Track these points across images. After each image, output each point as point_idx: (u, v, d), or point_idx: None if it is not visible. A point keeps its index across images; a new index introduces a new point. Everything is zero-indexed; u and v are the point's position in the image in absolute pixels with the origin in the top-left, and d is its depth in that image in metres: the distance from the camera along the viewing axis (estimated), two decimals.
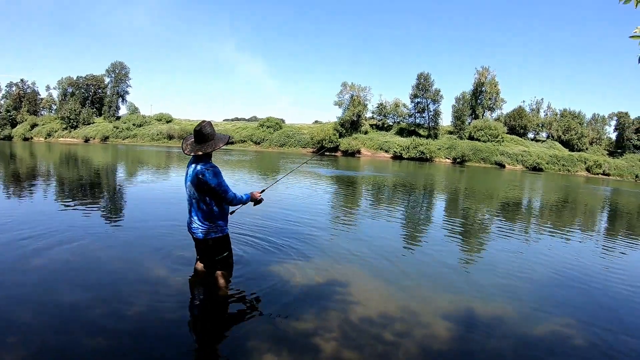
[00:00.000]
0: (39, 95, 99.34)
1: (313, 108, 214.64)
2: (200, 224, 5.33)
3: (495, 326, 5.08)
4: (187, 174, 5.36)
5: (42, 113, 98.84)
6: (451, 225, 12.13)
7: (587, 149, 73.65)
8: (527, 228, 12.49)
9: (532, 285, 6.77)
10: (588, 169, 63.17)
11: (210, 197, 5.25)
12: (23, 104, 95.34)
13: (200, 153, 5.16)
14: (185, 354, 4.12)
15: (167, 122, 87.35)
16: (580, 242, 10.77)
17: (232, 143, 75.68)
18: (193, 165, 5.25)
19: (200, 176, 5.10)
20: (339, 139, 72.32)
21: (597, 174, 62.20)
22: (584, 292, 6.62)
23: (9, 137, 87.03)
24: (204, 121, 5.32)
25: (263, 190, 6.09)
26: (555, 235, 11.19)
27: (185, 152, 5.28)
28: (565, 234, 11.57)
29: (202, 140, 5.23)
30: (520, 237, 10.89)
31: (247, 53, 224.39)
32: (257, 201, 5.85)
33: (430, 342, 4.53)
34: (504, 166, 63.18)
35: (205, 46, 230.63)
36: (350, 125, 75.13)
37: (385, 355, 4.20)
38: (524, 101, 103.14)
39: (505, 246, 9.52)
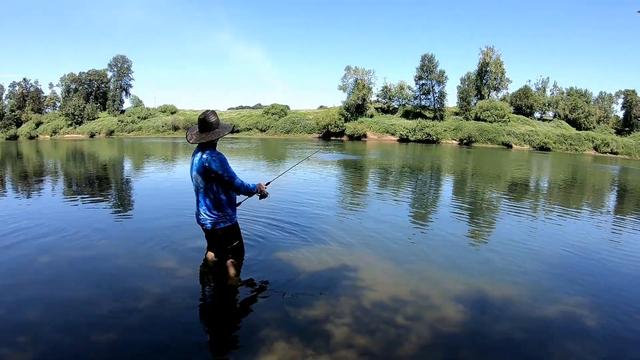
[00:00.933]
0: (43, 93, 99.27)
1: (317, 93, 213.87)
2: (208, 214, 5.33)
3: (506, 308, 5.07)
4: (192, 163, 5.37)
5: (47, 111, 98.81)
6: (460, 206, 12.10)
7: (594, 127, 72.94)
8: (535, 208, 12.43)
9: (543, 266, 6.72)
10: (596, 148, 62.70)
11: (217, 186, 5.24)
12: (27, 102, 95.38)
13: (204, 141, 5.15)
14: (197, 343, 4.14)
15: (172, 113, 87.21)
16: (589, 221, 10.71)
17: (237, 132, 75.70)
18: (199, 154, 5.24)
19: (206, 164, 5.09)
20: (344, 124, 72.06)
21: (605, 152, 61.73)
22: (595, 272, 6.59)
23: (15, 137, 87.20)
24: (207, 110, 5.32)
25: (268, 183, 6.11)
26: (564, 215, 11.12)
27: (190, 141, 5.29)
28: (575, 214, 11.51)
29: (207, 128, 5.22)
30: (529, 217, 10.84)
31: (246, 40, 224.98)
32: (263, 195, 5.85)
33: (441, 325, 4.52)
34: (511, 146, 62.86)
35: (204, 36, 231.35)
36: (356, 109, 74.81)
37: (397, 339, 4.20)
38: (529, 80, 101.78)
39: (514, 227, 9.49)
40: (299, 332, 4.28)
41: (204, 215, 5.36)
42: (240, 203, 5.83)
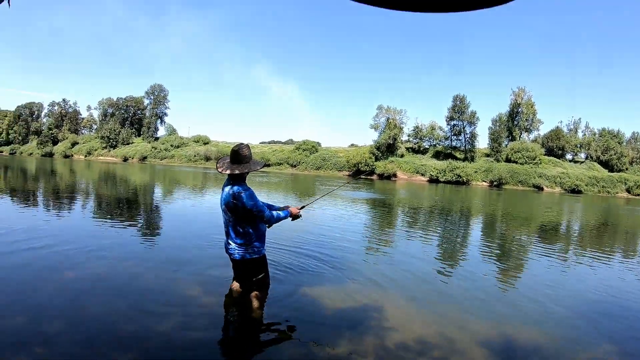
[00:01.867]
0: (80, 114, 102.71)
1: (349, 131, 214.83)
2: (237, 245, 5.40)
3: (533, 355, 4.95)
4: (222, 196, 5.44)
5: (83, 132, 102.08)
6: (489, 249, 11.94)
7: (627, 169, 71.58)
8: (566, 252, 12.20)
9: (572, 312, 6.56)
10: (628, 190, 61.40)
11: (246, 219, 5.32)
12: (64, 122, 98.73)
13: (237, 172, 5.25)
14: None
15: (205, 143, 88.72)
16: (622, 267, 10.42)
17: (267, 166, 76.38)
18: (228, 187, 5.33)
19: (235, 199, 5.18)
20: (375, 162, 72.26)
21: (638, 194, 60.46)
22: (628, 322, 6.35)
23: (51, 154, 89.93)
24: (241, 143, 5.45)
25: (303, 207, 6.18)
26: (595, 260, 10.85)
27: (221, 170, 5.36)
28: (606, 258, 11.22)
29: (238, 161, 5.33)
30: (560, 261, 10.61)
31: (281, 76, 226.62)
32: (295, 216, 5.93)
33: None
34: (542, 189, 62.02)
35: (240, 69, 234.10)
36: (386, 148, 75.01)
37: None
38: (561, 121, 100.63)
39: (544, 271, 9.30)
40: None
41: (233, 245, 5.43)
42: (271, 225, 5.85)
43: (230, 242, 5.48)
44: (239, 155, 5.32)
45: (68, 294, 5.74)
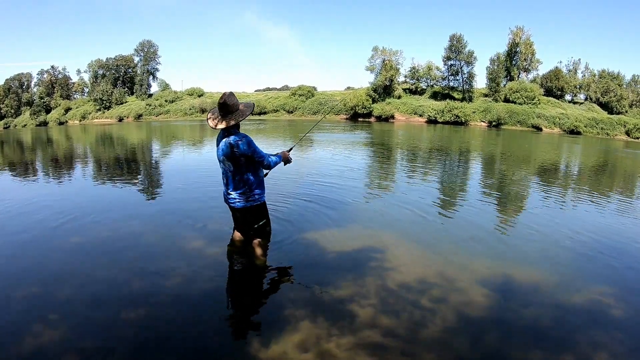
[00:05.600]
0: (71, 79, 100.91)
1: (345, 74, 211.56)
2: (237, 194, 5.37)
3: (532, 293, 5.05)
4: (218, 147, 5.35)
5: (75, 97, 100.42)
6: (488, 189, 11.99)
7: (626, 111, 70.92)
8: (565, 193, 12.24)
9: (570, 252, 6.63)
10: (628, 133, 60.97)
11: (246, 167, 5.26)
12: (55, 89, 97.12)
13: (232, 123, 5.14)
14: (223, 320, 4.23)
15: (199, 96, 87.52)
16: (620, 208, 10.45)
17: (264, 113, 75.91)
18: (225, 139, 5.24)
19: (234, 148, 5.10)
20: (372, 105, 71.64)
21: (638, 137, 60.24)
22: (625, 261, 6.43)
23: (45, 123, 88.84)
24: (224, 93, 5.26)
25: (290, 149, 6.12)
26: (593, 201, 10.89)
27: (213, 125, 5.24)
28: (604, 200, 11.26)
29: (228, 111, 5.18)
30: (559, 202, 10.68)
31: (272, 20, 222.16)
32: (288, 161, 5.91)
33: (467, 309, 4.53)
34: (540, 129, 61.70)
35: (229, 16, 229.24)
36: (383, 90, 74.19)
37: (422, 321, 4.23)
38: (560, 62, 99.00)
39: (543, 211, 9.35)
40: (324, 311, 4.34)
41: (233, 195, 5.40)
42: (266, 174, 5.82)
43: (230, 192, 5.44)
44: (227, 106, 5.17)
45: (76, 258, 5.80)
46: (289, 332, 3.95)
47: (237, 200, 5.39)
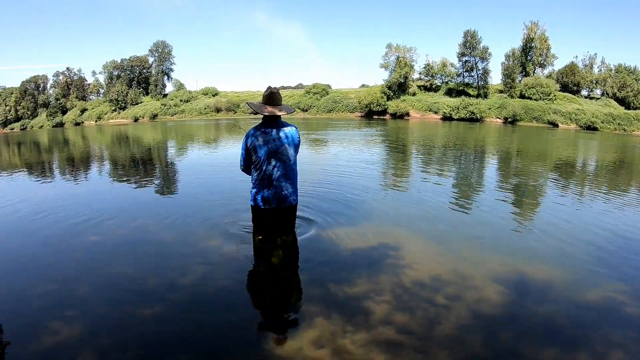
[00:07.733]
0: (86, 81, 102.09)
1: (359, 72, 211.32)
2: (293, 189, 5.42)
3: (546, 290, 5.03)
4: (273, 139, 5.28)
5: (91, 98, 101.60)
6: (503, 186, 11.94)
7: None
8: (581, 189, 12.15)
9: (585, 249, 6.56)
10: None
11: (295, 159, 5.36)
12: (71, 91, 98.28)
13: (293, 111, 5.26)
14: (239, 318, 4.27)
15: (213, 95, 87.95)
16: (637, 205, 10.38)
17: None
18: (283, 129, 5.29)
19: (297, 138, 5.21)
20: (386, 102, 71.47)
21: None
22: (639, 259, 6.35)
23: (61, 124, 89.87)
24: (269, 86, 5.36)
25: None
26: (611, 198, 10.75)
27: (279, 113, 5.29)
28: (622, 197, 11.14)
29: (281, 102, 5.29)
30: (575, 199, 10.60)
31: (283, 18, 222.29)
32: None
33: (481, 306, 4.53)
34: (557, 125, 61.05)
35: (239, 16, 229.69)
36: (398, 87, 73.99)
37: (437, 318, 4.24)
38: (576, 56, 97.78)
39: (558, 208, 9.29)
40: (339, 308, 4.37)
41: (290, 190, 5.47)
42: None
43: (285, 187, 5.43)
44: (279, 95, 5.25)
45: (92, 257, 5.89)
46: (304, 329, 3.99)
47: (293, 197, 5.44)
